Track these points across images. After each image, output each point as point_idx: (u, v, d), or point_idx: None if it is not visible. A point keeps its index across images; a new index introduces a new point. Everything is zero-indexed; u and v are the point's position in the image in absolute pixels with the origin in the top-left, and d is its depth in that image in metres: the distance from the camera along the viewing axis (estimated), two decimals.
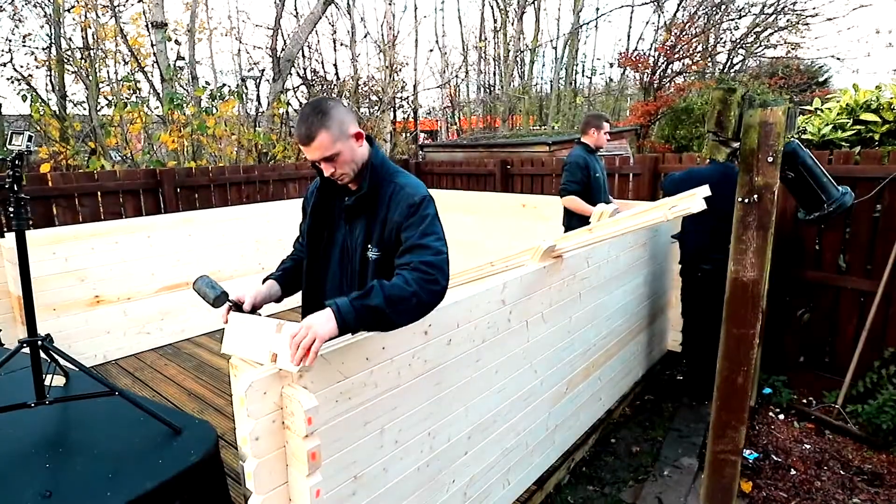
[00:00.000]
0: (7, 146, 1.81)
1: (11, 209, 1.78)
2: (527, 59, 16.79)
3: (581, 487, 2.83)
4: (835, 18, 14.62)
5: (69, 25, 10.00)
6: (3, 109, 9.10)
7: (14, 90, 9.77)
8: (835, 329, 3.60)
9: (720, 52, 15.13)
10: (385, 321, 1.44)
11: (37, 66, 10.39)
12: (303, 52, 12.32)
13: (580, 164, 3.79)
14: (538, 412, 2.56)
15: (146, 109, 7.79)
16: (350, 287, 1.72)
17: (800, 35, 14.18)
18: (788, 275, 3.69)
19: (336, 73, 13.70)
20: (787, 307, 3.75)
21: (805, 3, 13.86)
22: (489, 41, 16.76)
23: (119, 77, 9.95)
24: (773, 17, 13.91)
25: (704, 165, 3.47)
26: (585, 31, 16.86)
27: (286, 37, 11.41)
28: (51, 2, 9.35)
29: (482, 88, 17.39)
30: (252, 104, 11.04)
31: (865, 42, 27.82)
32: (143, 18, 10.17)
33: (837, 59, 15.30)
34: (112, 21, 9.70)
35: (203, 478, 1.80)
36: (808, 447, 3.12)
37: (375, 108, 12.55)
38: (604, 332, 3.11)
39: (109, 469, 1.69)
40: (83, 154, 7.85)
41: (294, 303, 1.88)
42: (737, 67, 15.47)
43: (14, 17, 10.06)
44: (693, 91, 12.53)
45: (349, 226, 1.73)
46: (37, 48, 10.40)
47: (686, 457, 3.07)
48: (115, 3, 9.52)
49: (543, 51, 17.27)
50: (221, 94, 7.70)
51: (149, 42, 9.56)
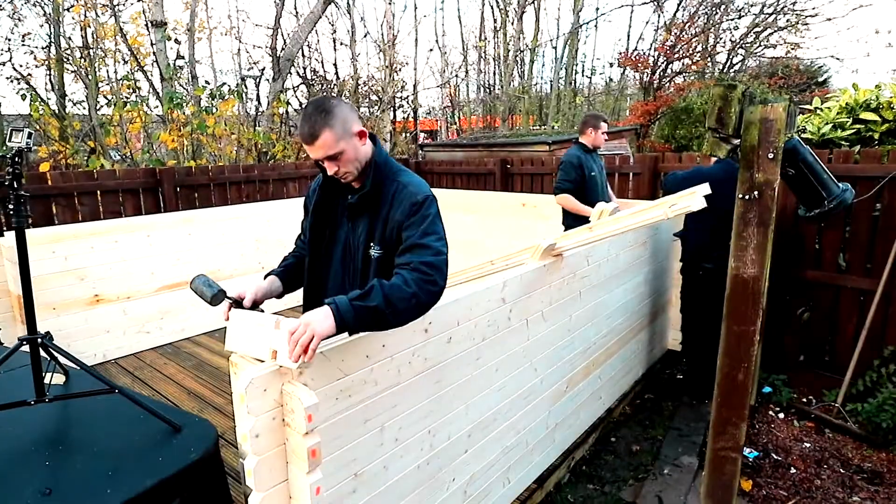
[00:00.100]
0: (7, 143, 1.80)
1: (11, 206, 1.78)
2: (527, 59, 16.79)
3: (581, 486, 2.83)
4: (834, 18, 14.66)
5: (68, 24, 10.00)
6: (3, 109, 9.11)
7: (13, 89, 9.75)
8: (834, 328, 3.60)
9: (720, 52, 15.15)
10: (383, 322, 1.44)
11: (36, 66, 10.38)
12: (302, 52, 12.32)
13: (574, 164, 3.85)
14: (538, 411, 2.56)
15: (146, 109, 7.80)
16: (352, 285, 1.72)
17: (799, 35, 14.20)
18: (788, 274, 3.69)
19: (336, 73, 13.71)
20: (787, 306, 3.76)
21: (805, 4, 13.91)
22: (489, 41, 16.75)
23: (118, 76, 9.96)
24: (773, 17, 13.92)
25: (710, 164, 3.46)
26: (585, 31, 16.86)
27: (286, 36, 11.41)
28: (50, 1, 9.34)
29: (482, 88, 17.38)
30: (252, 103, 11.04)
31: (865, 42, 27.93)
32: (143, 17, 10.18)
33: (837, 60, 15.40)
34: (111, 20, 9.69)
35: (203, 476, 1.79)
36: (808, 446, 3.12)
37: (375, 108, 12.55)
38: (604, 331, 3.11)
39: (109, 467, 1.69)
40: (82, 153, 7.85)
41: (294, 302, 1.88)
42: (736, 67, 15.47)
43: (13, 16, 10.03)
44: (693, 91, 12.52)
45: (352, 224, 1.72)
46: (36, 47, 10.37)
47: (686, 455, 3.07)
48: (115, 2, 9.50)
49: (543, 50, 17.28)
50: (221, 94, 7.70)
51: (148, 41, 9.58)
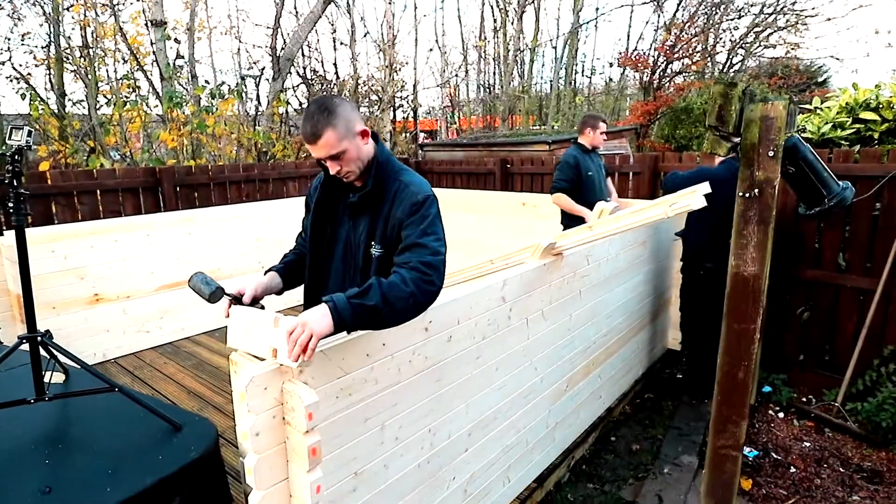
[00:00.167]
0: (7, 141, 1.80)
1: (11, 205, 1.77)
2: (526, 59, 16.78)
3: (581, 485, 2.83)
4: (834, 19, 14.70)
5: (68, 24, 9.97)
6: (3, 108, 9.11)
7: (13, 89, 9.75)
8: (834, 327, 3.60)
9: (720, 52, 15.15)
10: (380, 320, 1.45)
11: (36, 65, 10.37)
12: (302, 51, 12.32)
13: (570, 164, 3.87)
14: (538, 410, 2.56)
15: (145, 108, 7.80)
16: (353, 283, 1.71)
17: (799, 35, 14.21)
18: (788, 273, 3.69)
19: (336, 73, 13.71)
20: (787, 305, 3.76)
21: (804, 4, 13.90)
22: (489, 41, 16.75)
23: (118, 76, 9.96)
24: (773, 17, 13.91)
25: (715, 165, 3.46)
26: (585, 31, 16.87)
27: (286, 36, 11.41)
28: (49, 0, 9.33)
29: (482, 88, 17.37)
30: (252, 103, 11.05)
31: (865, 42, 27.93)
32: (143, 17, 10.17)
33: (837, 60, 15.39)
34: (111, 19, 9.69)
35: (203, 474, 1.80)
36: (808, 445, 3.12)
37: (375, 108, 12.55)
38: (604, 330, 3.11)
39: (109, 465, 1.69)
40: (82, 153, 7.84)
41: (294, 301, 1.88)
42: (736, 67, 15.47)
43: (13, 16, 10.03)
44: (693, 91, 12.51)
45: (353, 222, 1.72)
46: (36, 47, 10.36)
47: (686, 455, 3.07)
48: (115, 2, 9.50)
49: (543, 50, 17.27)
50: (221, 93, 7.71)
51: (148, 41, 9.56)
